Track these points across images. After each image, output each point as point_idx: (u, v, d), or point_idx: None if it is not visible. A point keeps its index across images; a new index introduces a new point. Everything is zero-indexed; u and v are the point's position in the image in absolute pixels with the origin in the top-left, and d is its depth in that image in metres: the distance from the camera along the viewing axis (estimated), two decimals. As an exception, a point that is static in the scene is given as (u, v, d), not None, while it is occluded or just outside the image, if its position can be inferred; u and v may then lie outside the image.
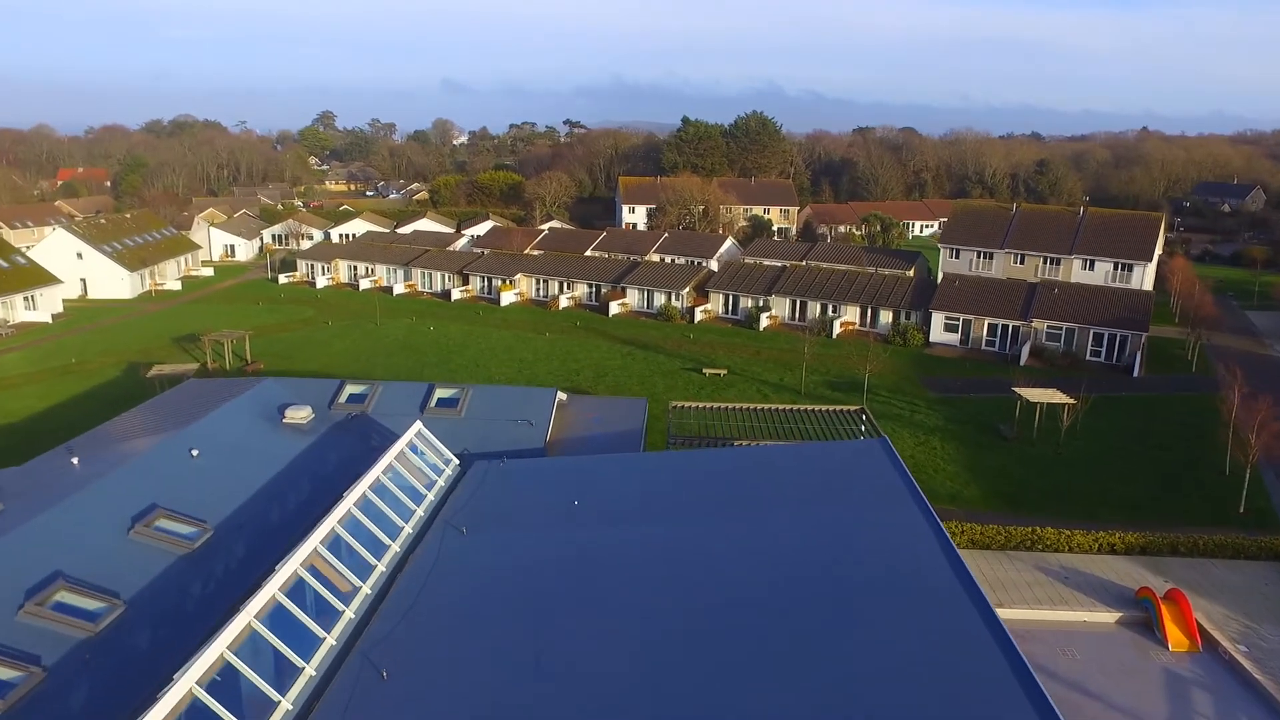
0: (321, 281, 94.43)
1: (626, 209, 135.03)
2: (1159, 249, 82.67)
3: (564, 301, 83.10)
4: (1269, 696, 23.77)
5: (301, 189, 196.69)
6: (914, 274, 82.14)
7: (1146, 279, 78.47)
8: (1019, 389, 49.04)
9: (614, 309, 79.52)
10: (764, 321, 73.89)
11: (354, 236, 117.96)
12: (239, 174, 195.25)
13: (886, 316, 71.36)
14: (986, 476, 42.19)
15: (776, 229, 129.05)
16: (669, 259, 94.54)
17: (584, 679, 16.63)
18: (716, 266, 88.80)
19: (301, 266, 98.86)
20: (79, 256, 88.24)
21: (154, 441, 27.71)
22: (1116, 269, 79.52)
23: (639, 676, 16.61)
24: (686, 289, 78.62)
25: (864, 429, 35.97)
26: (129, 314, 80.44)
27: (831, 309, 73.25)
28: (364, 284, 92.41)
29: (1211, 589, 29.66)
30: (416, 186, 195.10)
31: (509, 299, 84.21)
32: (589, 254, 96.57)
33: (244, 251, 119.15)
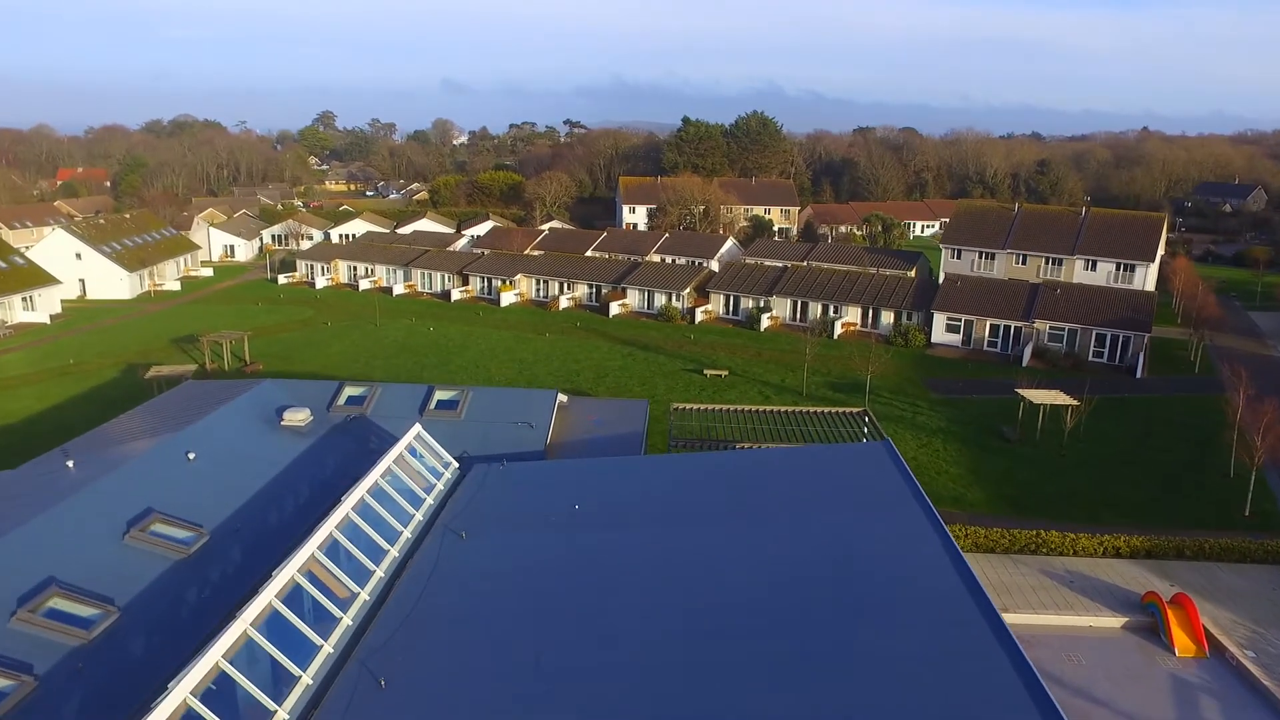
0: (321, 282, 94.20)
1: (627, 209, 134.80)
2: (1161, 249, 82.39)
3: (564, 302, 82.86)
4: (1277, 703, 23.52)
5: (301, 189, 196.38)
6: (915, 274, 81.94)
7: (1149, 280, 78.19)
8: (1022, 390, 48.75)
9: (614, 309, 79.28)
10: (765, 322, 73.66)
11: (354, 237, 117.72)
12: (239, 174, 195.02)
13: (888, 317, 71.14)
14: (989, 479, 41.95)
15: (777, 229, 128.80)
16: (669, 259, 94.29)
17: (585, 687, 16.39)
18: (717, 267, 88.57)
19: (301, 267, 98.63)
20: (78, 257, 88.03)
21: (150, 444, 27.45)
22: (1119, 269, 79.24)
23: (641, 684, 16.38)
24: (687, 289, 78.38)
25: (867, 431, 35.70)
26: (128, 314, 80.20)
27: (833, 310, 73.02)
28: (364, 284, 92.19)
29: (1218, 593, 29.41)
30: (416, 186, 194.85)
31: (509, 299, 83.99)
32: (589, 254, 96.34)
33: (243, 252, 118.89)
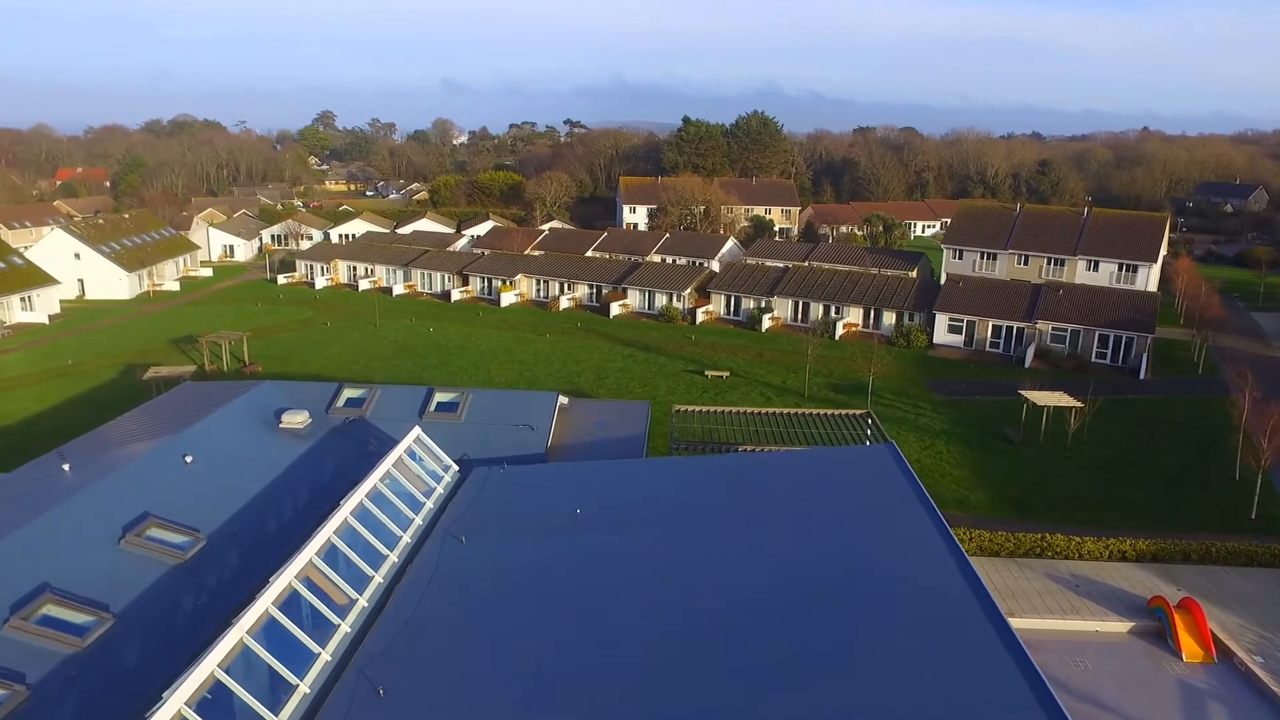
0: (320, 282, 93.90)
1: (627, 209, 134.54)
2: (1163, 250, 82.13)
3: (564, 302, 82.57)
4: (1287, 710, 23.25)
5: (301, 189, 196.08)
6: (917, 275, 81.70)
7: (1151, 280, 77.90)
8: (1025, 392, 48.43)
9: (615, 310, 79.00)
10: (766, 323, 73.39)
11: (353, 237, 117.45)
12: (238, 174, 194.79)
13: (890, 318, 70.87)
14: (993, 481, 41.68)
15: (778, 229, 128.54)
16: (670, 260, 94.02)
17: (587, 694, 16.16)
18: (718, 267, 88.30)
19: (300, 267, 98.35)
20: (77, 257, 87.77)
21: (147, 447, 27.17)
22: (1121, 270, 78.94)
23: (644, 692, 16.14)
24: (688, 290, 78.11)
25: (870, 433, 35.43)
26: (127, 315, 79.93)
27: (834, 310, 72.76)
28: (363, 285, 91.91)
29: (1225, 598, 29.11)
30: (416, 186, 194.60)
31: (509, 300, 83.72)
32: (590, 254, 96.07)
33: (243, 252, 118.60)
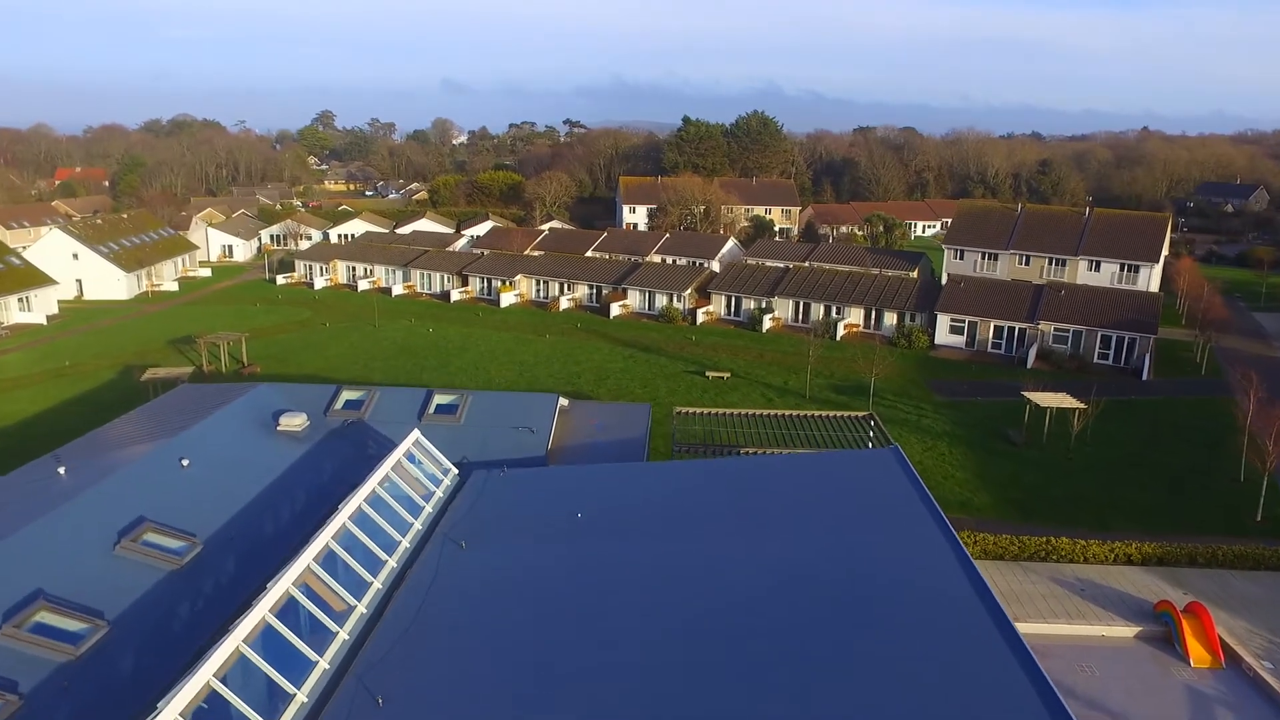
0: (320, 282, 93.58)
1: (627, 209, 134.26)
2: (1165, 250, 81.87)
3: (564, 303, 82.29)
4: (1297, 716, 23.01)
5: (300, 189, 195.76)
6: (918, 275, 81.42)
7: (1153, 280, 77.62)
8: (1028, 393, 48.15)
9: (615, 310, 78.72)
10: (767, 323, 73.13)
11: (353, 237, 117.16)
12: (238, 174, 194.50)
13: (891, 318, 70.62)
14: (996, 483, 41.43)
15: (778, 229, 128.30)
16: (670, 260, 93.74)
17: (589, 700, 15.94)
18: (718, 267, 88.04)
19: (299, 267, 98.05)
20: (75, 257, 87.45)
21: (144, 450, 26.90)
22: (1123, 270, 78.64)
23: (647, 698, 15.91)
24: (688, 290, 77.85)
25: (872, 435, 35.16)
26: (125, 315, 79.63)
27: (835, 311, 72.51)
28: (362, 285, 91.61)
29: (1232, 602, 28.88)
30: (416, 186, 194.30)
31: (509, 300, 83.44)
32: (589, 255, 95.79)
33: (242, 252, 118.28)
